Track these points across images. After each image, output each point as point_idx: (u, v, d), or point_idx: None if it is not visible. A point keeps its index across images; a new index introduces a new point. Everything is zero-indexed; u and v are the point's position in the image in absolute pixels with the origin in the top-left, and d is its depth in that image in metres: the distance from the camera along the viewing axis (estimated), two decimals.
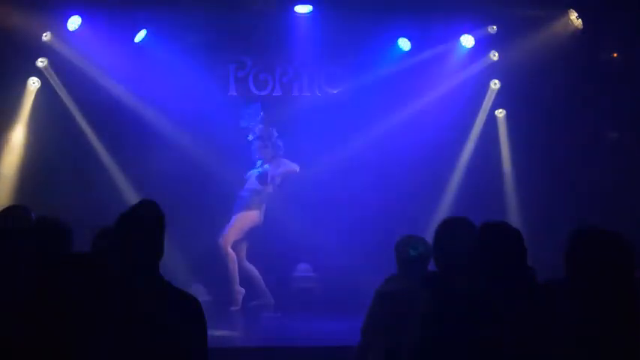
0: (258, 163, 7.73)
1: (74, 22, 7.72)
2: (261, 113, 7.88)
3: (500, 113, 8.50)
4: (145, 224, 2.61)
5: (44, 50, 7.81)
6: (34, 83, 7.91)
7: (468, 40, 8.25)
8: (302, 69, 8.40)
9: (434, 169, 8.20)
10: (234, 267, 7.42)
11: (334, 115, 8.17)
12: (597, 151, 8.15)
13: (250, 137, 7.76)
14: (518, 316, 2.57)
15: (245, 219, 7.53)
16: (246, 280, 7.53)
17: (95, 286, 2.83)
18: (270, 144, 7.70)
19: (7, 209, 3.88)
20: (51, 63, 7.86)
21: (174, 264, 6.72)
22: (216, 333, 5.43)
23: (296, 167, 7.75)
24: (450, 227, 3.15)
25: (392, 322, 3.38)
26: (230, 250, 7.42)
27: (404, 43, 8.33)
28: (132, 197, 7.32)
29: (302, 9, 8.05)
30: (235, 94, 8.32)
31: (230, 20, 8.01)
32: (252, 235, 7.59)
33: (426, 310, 2.77)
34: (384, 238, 5.38)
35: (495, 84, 8.40)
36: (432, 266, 3.42)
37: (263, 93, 8.31)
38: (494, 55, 8.31)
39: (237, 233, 7.50)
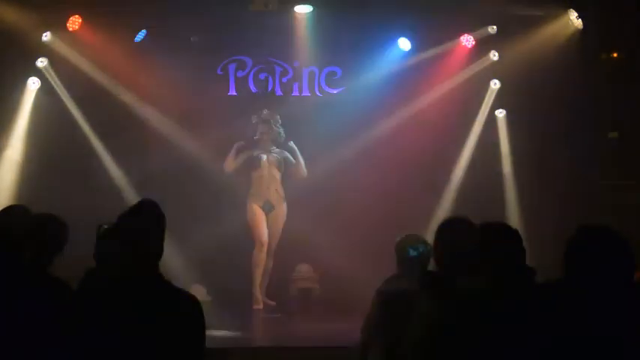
0: (261, 155, 7.55)
1: (74, 22, 7.72)
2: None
3: (500, 113, 8.50)
4: (144, 224, 2.61)
5: (44, 50, 7.81)
6: (34, 83, 7.92)
7: (468, 40, 8.26)
8: (302, 69, 8.40)
9: (434, 169, 8.20)
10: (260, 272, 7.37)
11: (334, 115, 8.16)
12: (597, 151, 8.15)
13: (254, 120, 7.65)
14: (518, 316, 2.57)
15: (282, 216, 7.47)
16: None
17: (95, 285, 2.83)
18: (274, 128, 7.61)
19: (7, 209, 3.88)
20: (51, 63, 7.86)
21: (175, 264, 6.72)
22: (216, 333, 5.43)
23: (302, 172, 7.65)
24: (450, 227, 3.15)
25: (392, 322, 3.38)
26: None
27: (404, 43, 8.34)
28: (132, 197, 7.32)
29: (302, 9, 8.06)
30: (235, 94, 8.33)
31: (230, 20, 8.01)
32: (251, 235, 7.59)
33: (425, 310, 2.77)
34: (384, 238, 5.37)
35: (495, 84, 8.40)
36: (432, 266, 3.42)
37: (263, 93, 8.32)
38: (494, 55, 8.31)
39: (280, 233, 7.46)
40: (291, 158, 7.66)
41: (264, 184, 7.42)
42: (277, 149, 7.57)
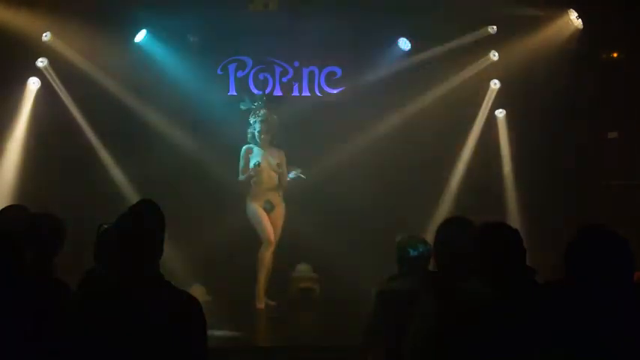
0: (259, 156, 7.51)
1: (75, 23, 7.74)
2: (264, 97, 7.75)
3: (500, 113, 8.51)
4: (144, 224, 2.61)
5: (44, 50, 7.80)
6: (34, 83, 7.92)
7: (467, 40, 8.25)
8: (302, 69, 8.41)
9: (434, 168, 8.21)
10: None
11: (334, 115, 8.16)
12: (597, 150, 8.15)
13: (252, 119, 7.61)
14: (519, 316, 2.57)
15: (282, 216, 7.46)
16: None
17: (95, 285, 2.83)
18: (272, 130, 7.55)
19: (5, 209, 3.88)
20: (51, 63, 7.86)
21: (175, 264, 6.71)
22: (216, 333, 5.43)
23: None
24: (450, 227, 3.15)
25: (392, 322, 3.38)
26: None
27: (404, 43, 8.34)
28: (132, 197, 7.32)
29: (302, 9, 8.06)
30: (235, 94, 8.32)
31: (230, 20, 8.01)
32: (252, 235, 7.58)
33: (426, 310, 2.77)
34: (384, 238, 5.38)
35: (495, 84, 8.41)
36: (432, 266, 3.42)
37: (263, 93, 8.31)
38: (494, 55, 8.31)
39: (279, 233, 7.46)
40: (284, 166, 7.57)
41: (264, 184, 7.41)
42: (275, 149, 7.55)
